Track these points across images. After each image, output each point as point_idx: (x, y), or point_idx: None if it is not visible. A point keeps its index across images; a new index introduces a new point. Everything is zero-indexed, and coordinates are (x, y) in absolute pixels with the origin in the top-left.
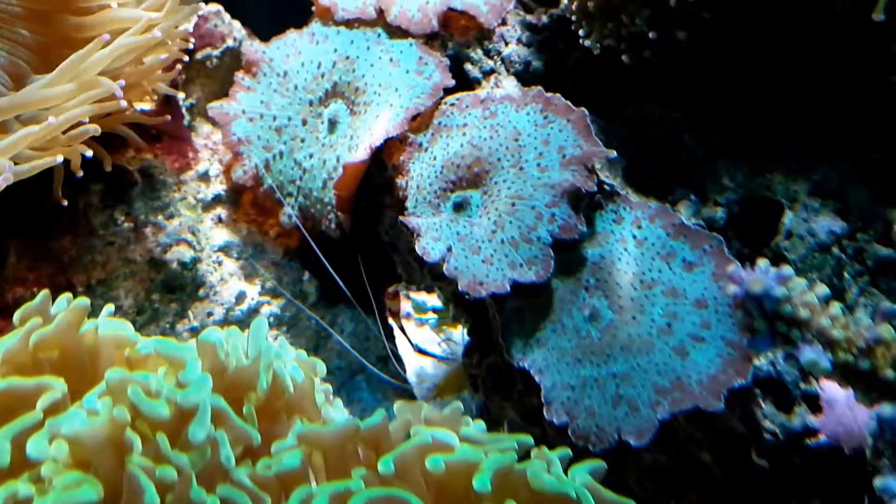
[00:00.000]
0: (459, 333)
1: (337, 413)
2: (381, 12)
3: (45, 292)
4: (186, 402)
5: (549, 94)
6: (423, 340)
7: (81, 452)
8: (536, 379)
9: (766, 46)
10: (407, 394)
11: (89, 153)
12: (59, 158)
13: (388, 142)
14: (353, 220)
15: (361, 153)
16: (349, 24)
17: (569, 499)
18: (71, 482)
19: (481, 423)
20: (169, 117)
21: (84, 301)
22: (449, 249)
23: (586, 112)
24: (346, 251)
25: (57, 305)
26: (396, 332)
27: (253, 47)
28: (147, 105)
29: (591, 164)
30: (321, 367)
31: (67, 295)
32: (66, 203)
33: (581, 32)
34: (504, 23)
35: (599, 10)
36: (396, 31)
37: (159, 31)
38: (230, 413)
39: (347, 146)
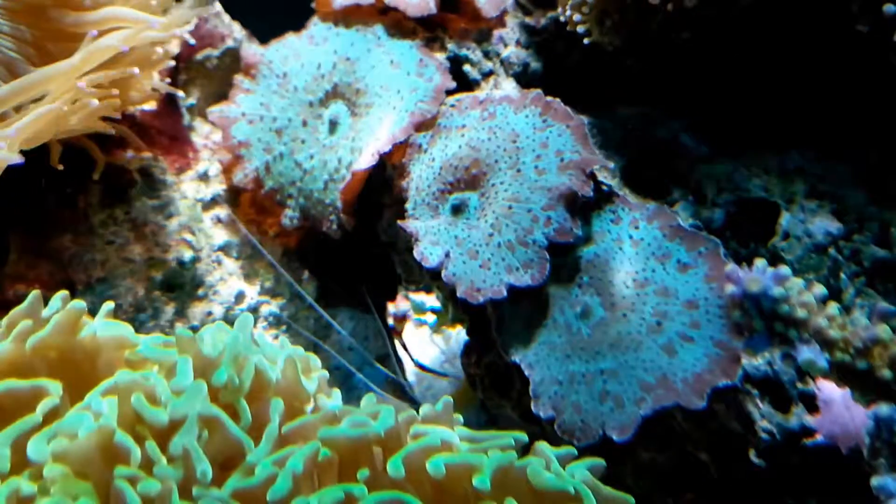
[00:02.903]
0: (458, 334)
1: (333, 402)
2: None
3: (35, 293)
4: (175, 413)
5: (549, 98)
6: (422, 340)
7: (72, 466)
8: (526, 373)
9: (764, 49)
10: (405, 393)
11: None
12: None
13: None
14: (355, 222)
15: (369, 159)
16: (347, 20)
17: (568, 495)
18: (69, 495)
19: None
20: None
21: (80, 303)
22: (447, 254)
23: (585, 120)
24: (347, 251)
25: (52, 304)
26: (398, 345)
27: (251, 49)
28: (148, 106)
29: (589, 170)
30: (315, 362)
31: (63, 293)
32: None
33: (578, 25)
34: (503, 24)
35: (595, 10)
36: (395, 32)
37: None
38: (223, 420)
39: (350, 147)
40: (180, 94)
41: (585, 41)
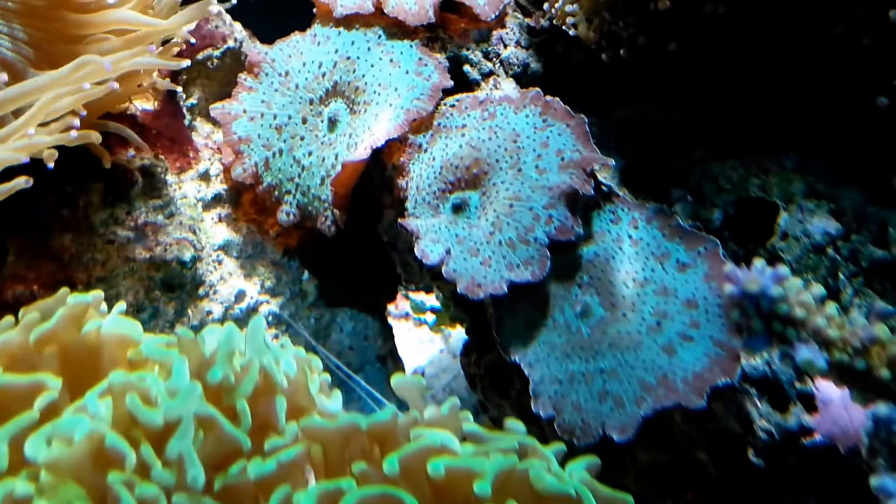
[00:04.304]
0: (458, 333)
1: (333, 404)
2: (378, 6)
3: (65, 289)
4: (169, 415)
5: (549, 98)
6: (422, 340)
7: (65, 473)
8: (526, 372)
9: (763, 50)
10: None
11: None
12: (25, 159)
13: (389, 142)
14: (347, 218)
15: (361, 152)
16: (349, 22)
17: (570, 498)
18: (62, 501)
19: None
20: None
21: (85, 297)
22: (448, 252)
23: (585, 119)
24: (347, 251)
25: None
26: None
27: (255, 48)
28: (149, 105)
29: (589, 169)
30: (317, 364)
31: (65, 290)
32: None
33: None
34: (503, 25)
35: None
36: (396, 32)
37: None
38: (218, 420)
39: (346, 144)
40: (178, 89)
41: (572, 33)
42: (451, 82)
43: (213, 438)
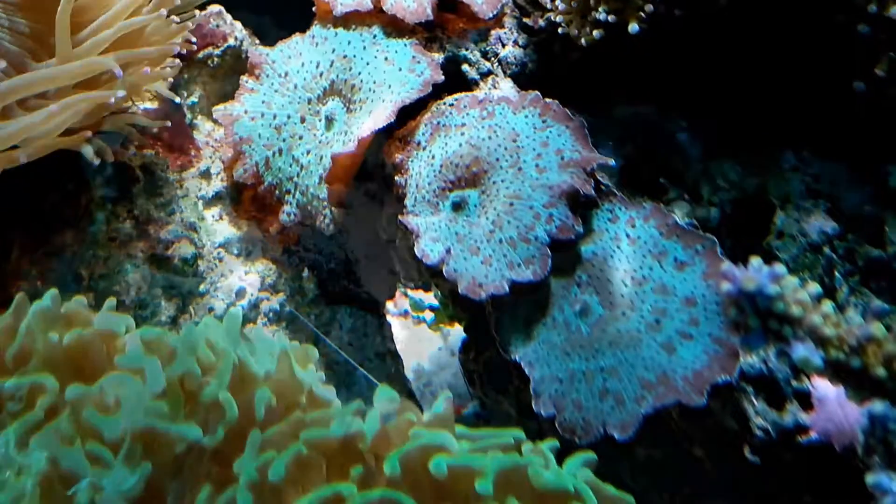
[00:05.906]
0: (457, 331)
1: (328, 393)
2: (377, 4)
3: (20, 295)
4: (111, 436)
5: (548, 100)
6: (421, 338)
7: None
8: (526, 371)
9: (761, 50)
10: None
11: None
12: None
13: (387, 139)
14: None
15: (351, 146)
16: (347, 22)
17: (568, 494)
18: None
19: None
20: (169, 123)
21: (46, 304)
22: (448, 251)
23: (584, 122)
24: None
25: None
26: (394, 328)
27: (257, 51)
28: (150, 104)
29: (589, 168)
30: (313, 353)
31: (52, 292)
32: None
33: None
34: (501, 24)
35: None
36: (392, 31)
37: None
38: (156, 427)
39: (343, 142)
40: (177, 99)
41: (561, 31)
42: (443, 77)
43: (158, 446)
